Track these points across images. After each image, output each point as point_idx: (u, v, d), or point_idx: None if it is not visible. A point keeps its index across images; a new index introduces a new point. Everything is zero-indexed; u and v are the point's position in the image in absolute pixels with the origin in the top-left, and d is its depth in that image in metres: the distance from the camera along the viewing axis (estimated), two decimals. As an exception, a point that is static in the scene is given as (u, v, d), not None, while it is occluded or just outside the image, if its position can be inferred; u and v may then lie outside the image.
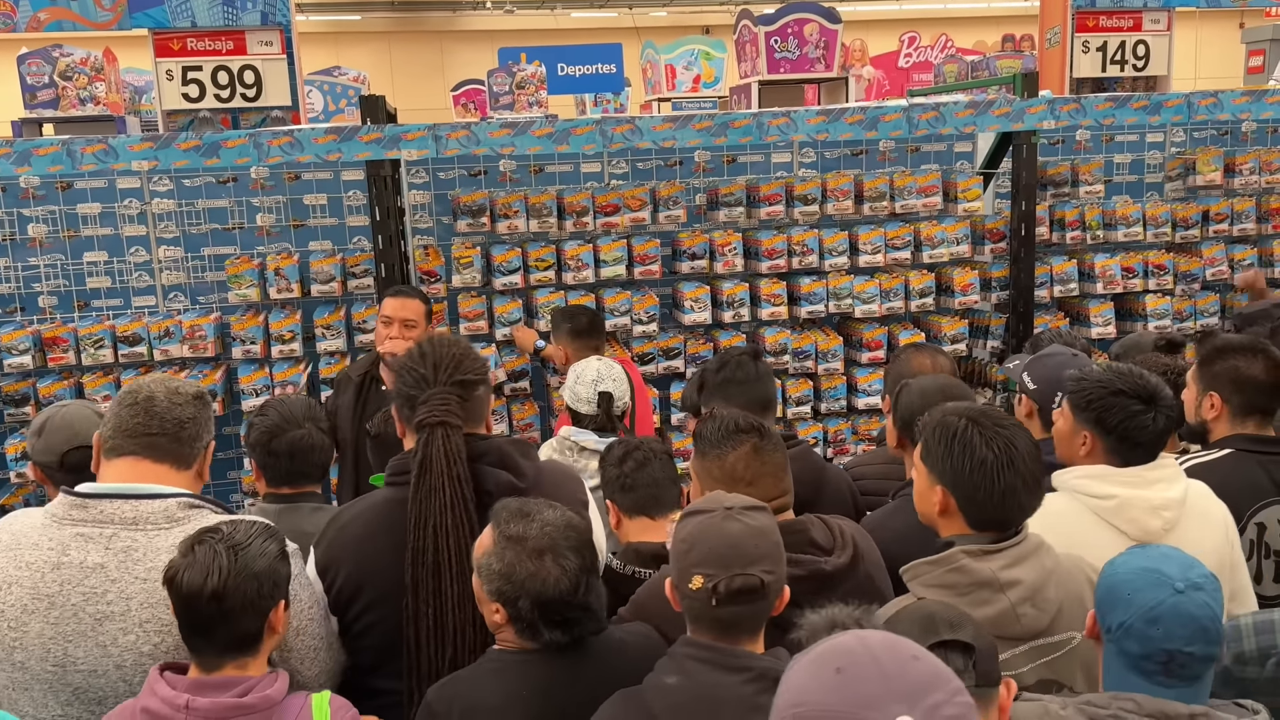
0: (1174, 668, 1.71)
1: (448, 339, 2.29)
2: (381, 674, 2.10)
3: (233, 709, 1.81)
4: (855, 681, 1.09)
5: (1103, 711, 1.68)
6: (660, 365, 4.53)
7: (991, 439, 2.06)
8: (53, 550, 1.96)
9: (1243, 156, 4.83)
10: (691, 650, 1.81)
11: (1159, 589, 1.73)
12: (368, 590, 2.14)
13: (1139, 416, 2.41)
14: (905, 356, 3.20)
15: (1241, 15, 15.66)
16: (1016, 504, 2.07)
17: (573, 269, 4.35)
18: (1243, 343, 2.84)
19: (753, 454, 2.24)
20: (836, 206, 4.53)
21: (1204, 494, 2.50)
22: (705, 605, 1.78)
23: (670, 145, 4.27)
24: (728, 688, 1.76)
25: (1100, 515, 2.37)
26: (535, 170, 4.53)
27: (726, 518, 1.83)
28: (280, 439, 2.67)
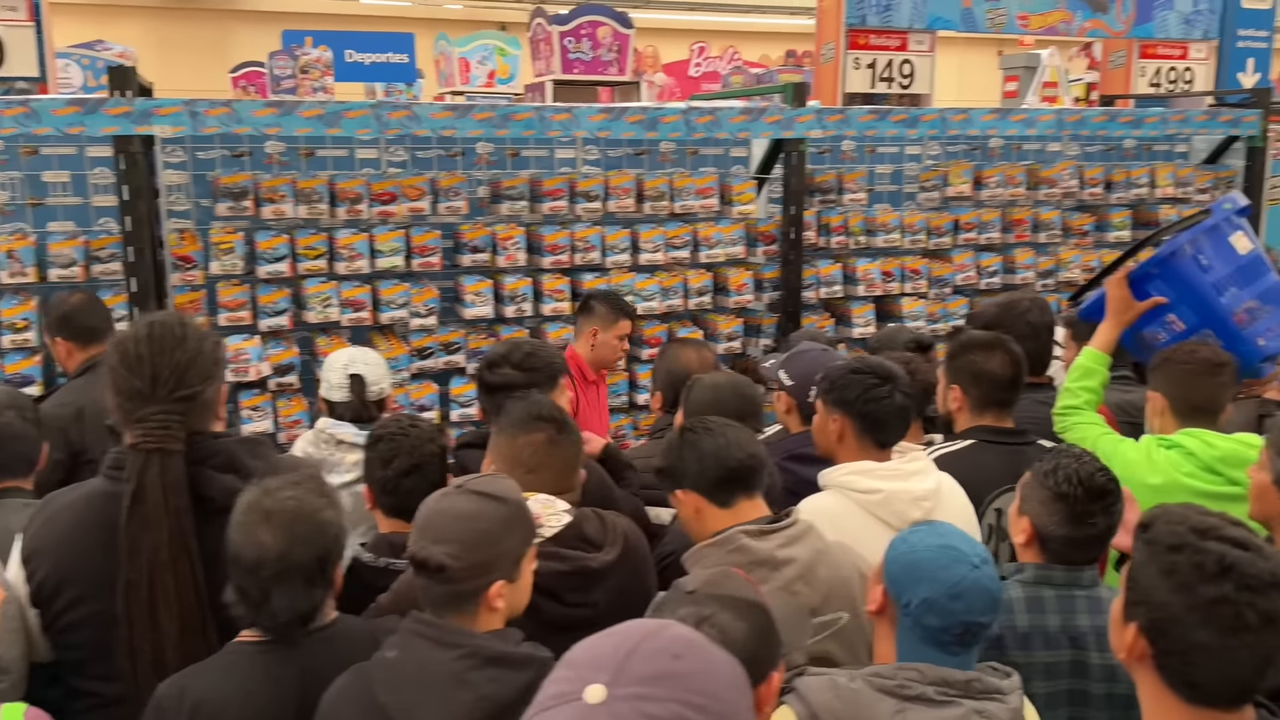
0: (967, 637, 1.81)
1: (170, 331, 2.02)
2: (91, 676, 1.94)
3: None
4: None
5: (889, 681, 1.76)
6: (441, 360, 4.42)
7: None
8: None
9: (990, 170, 5.21)
10: (414, 625, 1.82)
11: (959, 565, 1.82)
12: (73, 586, 1.97)
13: (875, 389, 2.57)
14: (673, 352, 3.26)
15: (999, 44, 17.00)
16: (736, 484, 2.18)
17: (346, 258, 4.18)
18: (983, 339, 3.05)
19: (544, 444, 2.28)
20: (619, 204, 4.57)
21: (952, 486, 2.68)
22: (430, 574, 1.81)
23: (451, 134, 4.19)
24: (439, 663, 1.77)
25: (867, 509, 2.49)
26: (306, 154, 4.32)
27: (454, 491, 1.86)
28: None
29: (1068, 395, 3.13)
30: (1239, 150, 5.68)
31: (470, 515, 1.82)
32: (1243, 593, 1.46)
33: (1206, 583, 1.48)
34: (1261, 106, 5.61)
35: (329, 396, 3.11)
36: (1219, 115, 5.68)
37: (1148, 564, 1.55)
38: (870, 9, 6.63)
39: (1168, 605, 1.51)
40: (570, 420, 2.34)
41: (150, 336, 2.00)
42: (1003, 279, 5.23)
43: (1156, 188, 5.51)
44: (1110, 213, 5.53)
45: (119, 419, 2.02)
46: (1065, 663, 2.23)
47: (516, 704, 1.71)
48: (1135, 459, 2.82)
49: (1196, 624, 1.48)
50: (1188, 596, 1.49)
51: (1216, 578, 1.48)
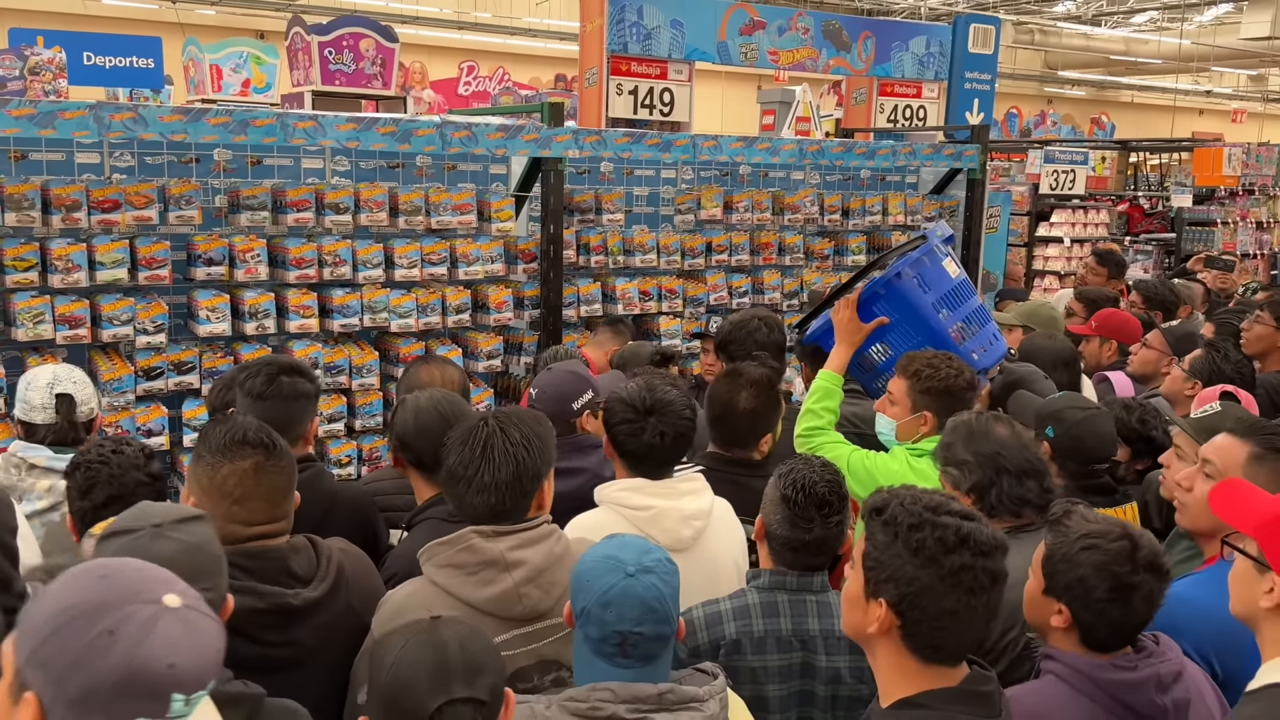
0: (628, 648, 1.80)
1: None
2: None
3: None
4: (119, 578, 1.26)
5: (582, 705, 1.74)
6: (171, 381, 4.11)
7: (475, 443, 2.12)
8: None
9: (739, 195, 5.43)
10: None
11: (613, 573, 1.81)
12: None
13: (629, 425, 2.58)
14: (414, 370, 3.18)
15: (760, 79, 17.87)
16: (486, 501, 2.14)
17: (61, 270, 3.81)
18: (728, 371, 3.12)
19: (251, 471, 2.10)
20: (371, 218, 4.41)
21: (727, 511, 2.73)
22: None
23: (182, 139, 3.92)
24: None
25: (638, 525, 2.50)
26: (16, 156, 3.92)
27: (155, 536, 1.68)
28: None
29: (810, 416, 3.25)
30: (961, 182, 6.20)
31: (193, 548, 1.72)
32: (978, 558, 1.66)
33: (950, 553, 1.65)
34: (980, 142, 6.15)
35: (28, 418, 2.81)
36: (944, 149, 6.18)
37: (892, 544, 1.69)
38: (631, 37, 6.79)
39: (917, 579, 1.66)
40: (281, 442, 2.18)
41: None
42: (752, 299, 5.45)
43: (889, 215, 5.91)
44: (848, 238, 5.88)
45: None
46: (796, 665, 2.31)
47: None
48: (898, 469, 2.97)
49: (945, 591, 1.65)
50: (936, 568, 1.65)
51: (957, 548, 1.65)
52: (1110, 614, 1.88)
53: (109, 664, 1.19)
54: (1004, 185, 9.88)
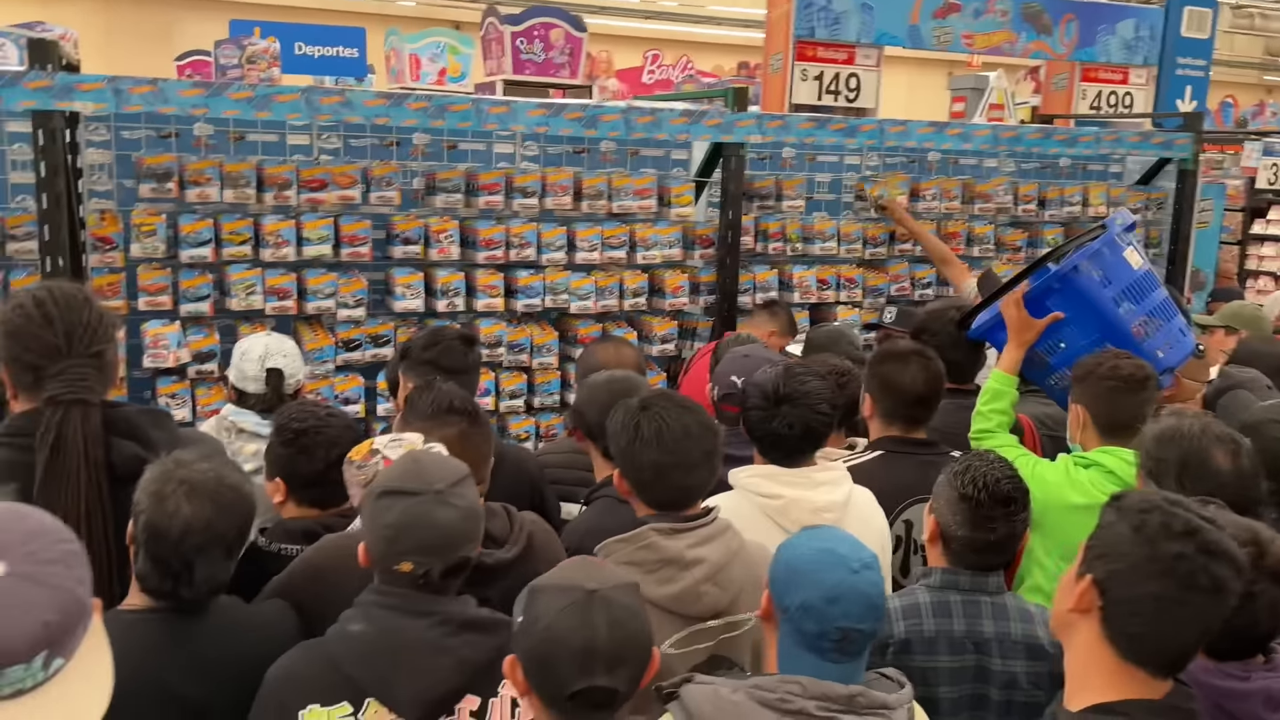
0: (846, 644, 1.76)
1: (74, 292, 2.05)
2: None
3: None
4: None
5: (770, 695, 1.72)
6: (368, 353, 4.35)
7: (650, 419, 2.13)
8: None
9: (927, 183, 5.26)
10: (377, 598, 1.83)
11: (837, 569, 1.76)
12: None
13: (758, 413, 2.56)
14: (591, 349, 3.23)
15: (949, 66, 17.24)
16: (665, 480, 2.14)
17: (272, 245, 4.09)
18: (900, 350, 3.04)
19: (458, 439, 2.20)
20: (556, 202, 4.53)
21: (868, 502, 2.66)
22: (411, 582, 1.81)
23: (384, 123, 4.12)
24: (414, 631, 1.80)
25: (767, 514, 2.48)
26: (236, 137, 4.22)
27: (438, 502, 1.80)
28: None
29: (980, 419, 3.13)
30: (1170, 173, 5.80)
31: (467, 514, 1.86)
32: (1201, 555, 1.56)
33: (1171, 539, 1.58)
34: (1194, 131, 5.73)
35: (240, 386, 3.02)
36: (1152, 138, 5.80)
37: (1116, 523, 1.64)
38: (819, 22, 6.68)
39: (1128, 555, 1.60)
40: (481, 411, 2.28)
41: (54, 298, 2.03)
42: (936, 290, 5.27)
43: (1089, 206, 5.59)
44: (1043, 229, 5.61)
45: (24, 383, 2.01)
46: (969, 668, 2.24)
47: (490, 666, 1.81)
48: (1054, 480, 2.82)
49: (1154, 574, 1.57)
50: (1150, 549, 1.58)
51: (1181, 536, 1.57)
52: (1232, 621, 1.73)
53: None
54: (1217, 178, 9.18)
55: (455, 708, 1.83)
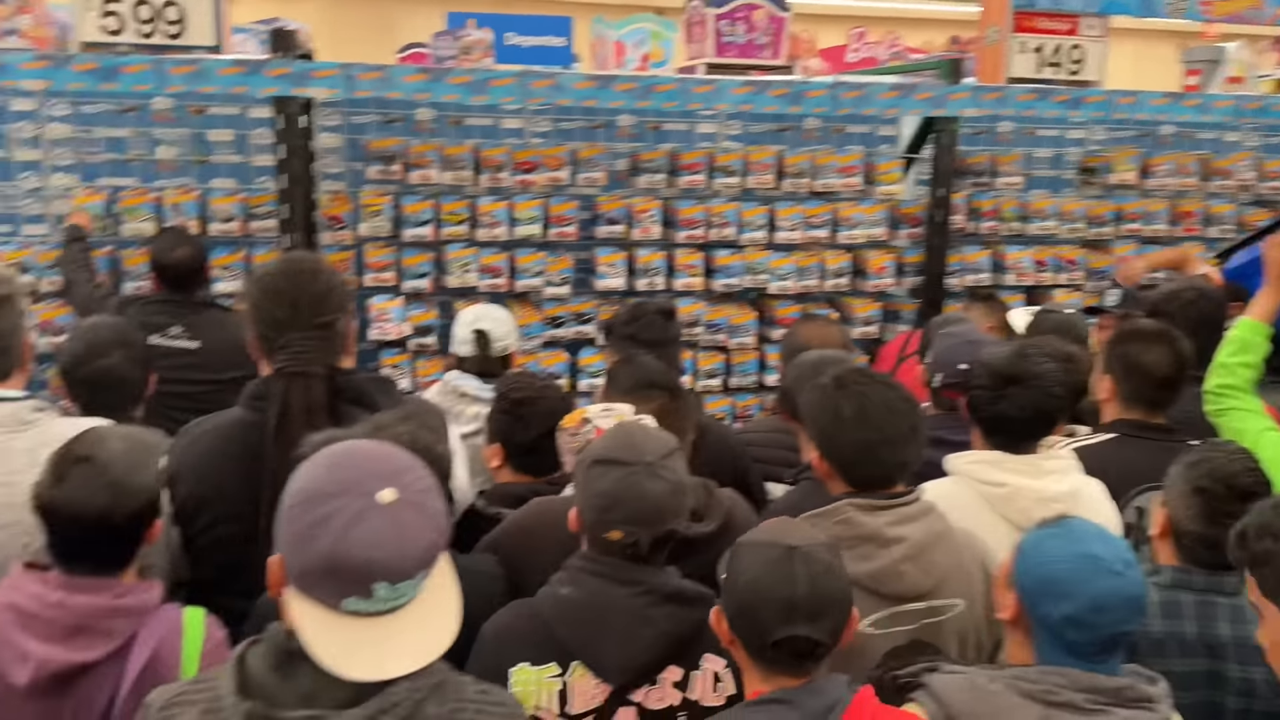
0: (1111, 645, 1.69)
1: (306, 265, 2.14)
2: (226, 591, 2.01)
3: (108, 610, 1.74)
4: (344, 469, 1.35)
5: (1034, 686, 1.65)
6: (572, 330, 4.47)
7: (849, 396, 2.08)
8: None
9: (1159, 158, 4.89)
10: (586, 564, 1.87)
11: (1101, 575, 1.67)
12: (213, 508, 2.06)
13: (985, 393, 2.43)
14: (797, 328, 3.19)
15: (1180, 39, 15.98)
16: (873, 458, 2.08)
17: (486, 225, 4.26)
18: (1148, 330, 2.83)
19: (659, 413, 2.21)
20: (757, 180, 4.50)
21: (1098, 495, 2.49)
22: (620, 551, 1.84)
23: (593, 105, 4.20)
24: (619, 599, 1.82)
25: (989, 502, 2.36)
26: (454, 122, 4.42)
27: (649, 474, 1.83)
28: (84, 368, 2.50)
29: (1223, 372, 2.78)
30: None
31: (677, 487, 1.87)
32: None
33: None
34: None
35: (457, 351, 3.18)
36: None
37: None
38: (1040, -10, 6.31)
39: None
40: (682, 386, 2.29)
41: (288, 270, 2.12)
42: (1167, 273, 4.90)
43: (1348, 184, 5.06)
44: (1292, 208, 5.11)
45: (259, 349, 2.12)
46: (1200, 673, 2.07)
47: (692, 639, 1.84)
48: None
49: None
50: None
51: None
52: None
53: (317, 550, 1.30)
54: None
55: (658, 677, 1.85)
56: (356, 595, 1.30)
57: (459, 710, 1.40)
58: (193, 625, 1.82)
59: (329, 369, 2.08)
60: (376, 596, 1.30)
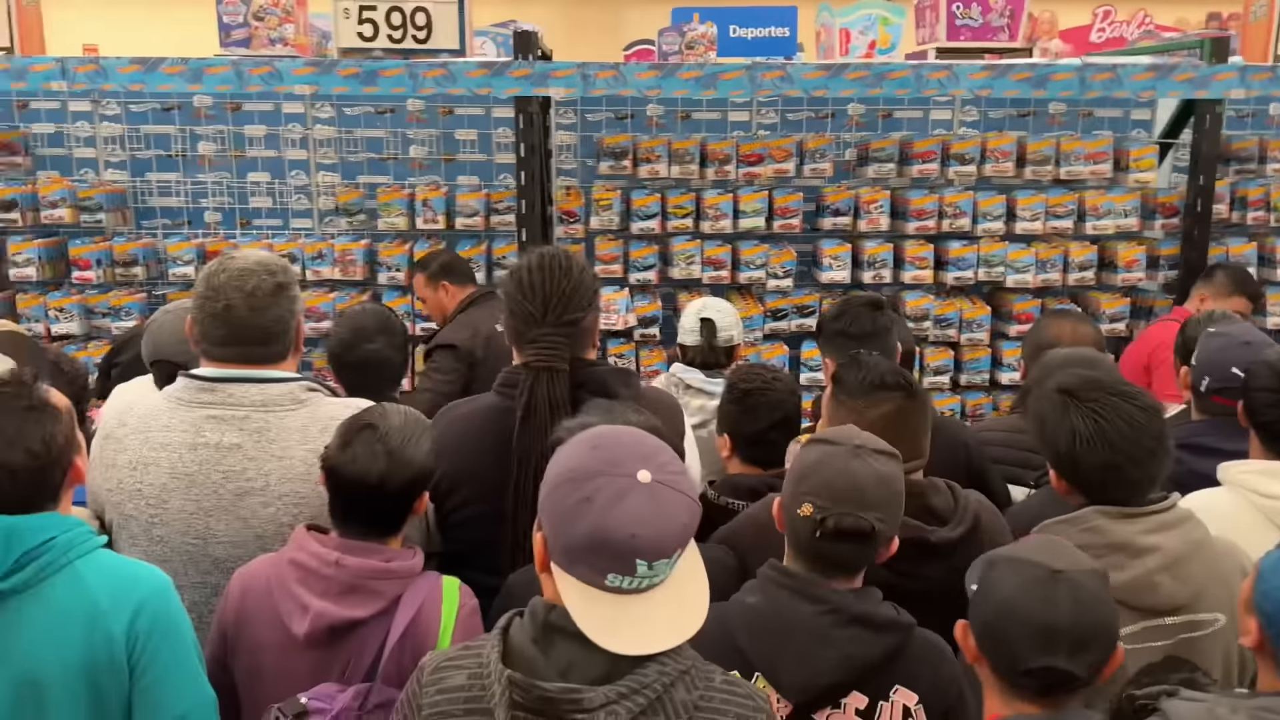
0: None
1: (558, 262, 2.21)
2: (471, 566, 2.12)
3: (379, 572, 1.89)
4: (606, 450, 1.41)
5: None
6: (793, 323, 4.44)
7: (1084, 414, 1.94)
8: (186, 432, 2.07)
9: None
10: (776, 575, 1.81)
11: None
12: (466, 487, 2.17)
13: (1263, 396, 2.23)
14: (1044, 323, 3.01)
15: None
16: (1118, 479, 1.94)
17: (711, 218, 4.30)
18: None
19: (894, 415, 2.12)
20: (995, 168, 4.31)
21: None
22: (809, 535, 1.76)
23: (822, 95, 4.15)
24: (803, 616, 1.75)
25: (1267, 516, 2.17)
26: (682, 116, 4.49)
27: (854, 455, 1.78)
28: (351, 352, 2.68)
29: None
30: None
31: (881, 478, 1.78)
32: None
33: None
34: None
35: (683, 341, 3.23)
36: None
37: None
38: (1322, -46, 5.71)
39: None
40: (916, 383, 2.21)
41: (540, 266, 2.20)
42: None
43: None
44: None
45: (512, 341, 2.23)
46: None
47: (880, 666, 1.74)
48: None
49: None
50: None
51: None
52: None
53: (583, 527, 1.36)
54: None
55: (842, 702, 1.76)
56: (618, 571, 1.36)
57: (706, 697, 1.43)
58: (450, 592, 1.94)
59: (573, 362, 2.16)
60: (638, 573, 1.36)
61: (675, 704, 1.40)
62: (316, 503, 2.09)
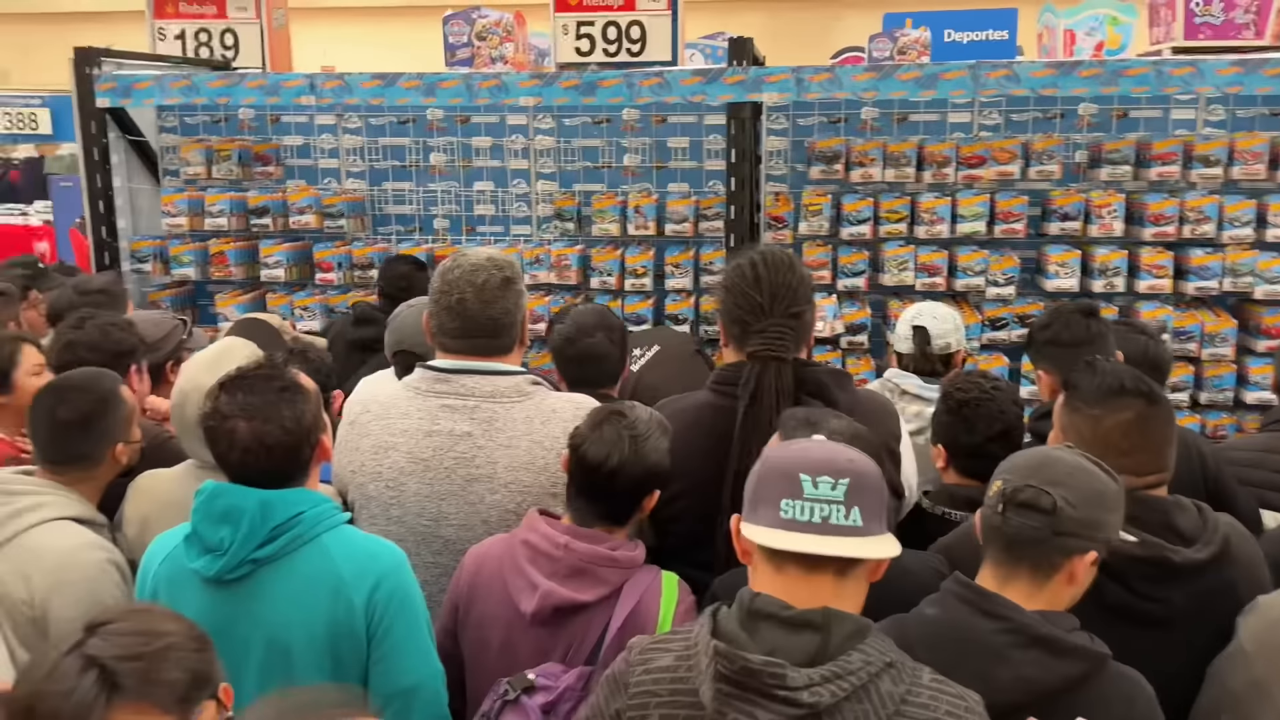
0: None
1: (782, 258, 2.25)
2: (685, 562, 2.14)
3: (605, 559, 1.97)
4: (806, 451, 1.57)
5: None
6: (1014, 333, 4.24)
7: None
8: (423, 419, 2.20)
9: None
10: (958, 588, 1.76)
11: None
12: (678, 482, 2.19)
13: None
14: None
15: None
16: None
17: (926, 222, 4.17)
18: None
19: (1135, 422, 2.00)
20: (1245, 170, 3.98)
21: None
22: (994, 513, 1.73)
23: (1051, 94, 3.96)
24: (979, 632, 1.69)
25: None
26: (899, 119, 4.38)
27: (1065, 450, 1.76)
28: (572, 346, 2.78)
29: None
30: None
31: (1076, 466, 1.72)
32: None
33: None
34: None
35: (897, 347, 3.16)
36: None
37: None
38: None
39: None
40: (1157, 389, 2.05)
41: (765, 261, 2.24)
42: None
43: None
44: None
45: (729, 335, 2.27)
46: None
47: (1060, 693, 1.65)
48: None
49: None
50: None
51: None
52: None
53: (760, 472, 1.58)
54: None
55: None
56: (788, 495, 1.49)
57: (914, 692, 1.40)
58: (669, 587, 1.99)
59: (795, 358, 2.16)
60: (804, 493, 1.49)
61: (881, 694, 1.38)
62: (538, 491, 2.17)
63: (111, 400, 2.35)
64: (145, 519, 2.29)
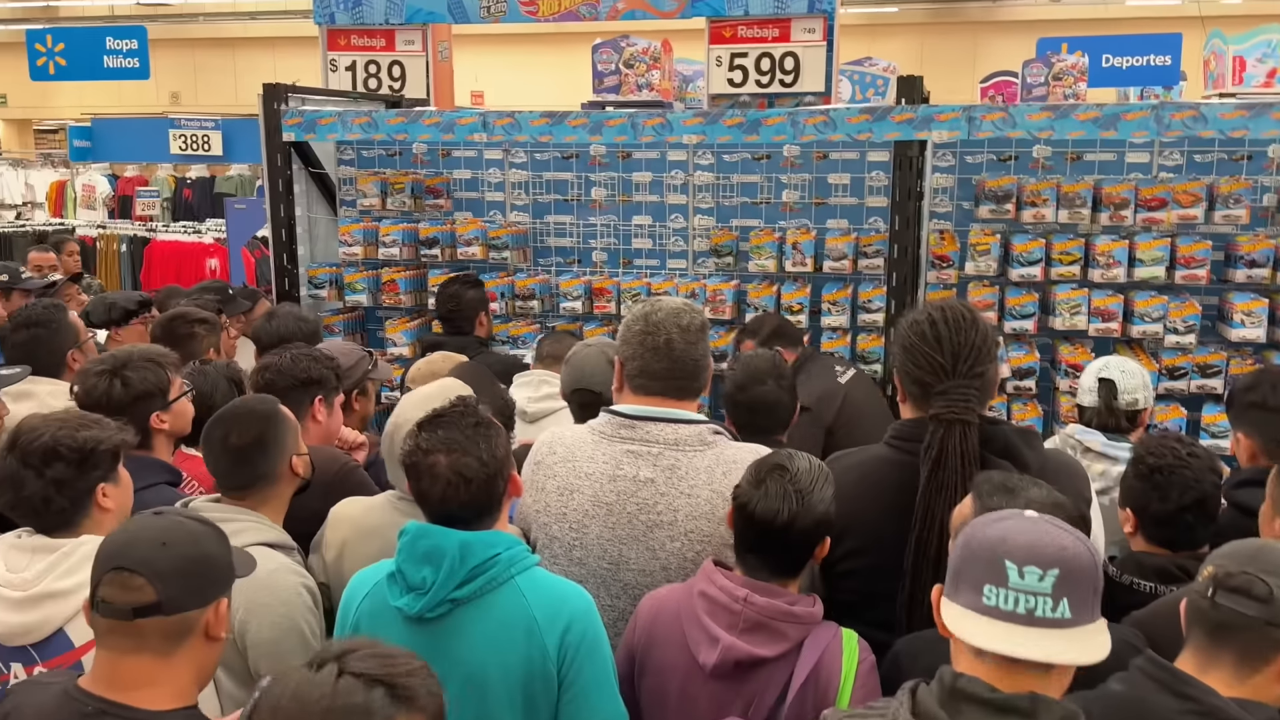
0: None
1: (966, 315, 2.18)
2: (860, 619, 2.12)
3: (784, 614, 1.98)
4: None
5: None
6: (1194, 383, 4.05)
7: None
8: (608, 464, 2.25)
9: None
10: (1149, 666, 1.70)
11: None
12: (851, 538, 2.17)
13: None
14: None
15: None
16: None
17: (1101, 265, 4.02)
18: None
19: None
20: None
21: None
22: (1202, 597, 1.66)
23: (1240, 135, 3.77)
24: (1165, 711, 1.63)
25: None
26: (1072, 158, 4.25)
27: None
28: (743, 393, 2.78)
29: None
30: None
31: None
32: None
33: None
34: None
35: (1080, 400, 3.06)
36: None
37: None
38: None
39: None
40: None
41: (947, 319, 2.18)
42: None
43: None
44: None
45: (913, 394, 2.22)
46: None
47: None
48: None
49: None
50: None
51: None
52: None
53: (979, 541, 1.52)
54: None
55: None
56: (991, 582, 1.45)
57: None
58: (850, 645, 1.96)
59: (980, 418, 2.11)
60: (1009, 582, 1.44)
61: None
62: (717, 541, 2.18)
63: (275, 417, 2.44)
64: (344, 544, 2.40)
